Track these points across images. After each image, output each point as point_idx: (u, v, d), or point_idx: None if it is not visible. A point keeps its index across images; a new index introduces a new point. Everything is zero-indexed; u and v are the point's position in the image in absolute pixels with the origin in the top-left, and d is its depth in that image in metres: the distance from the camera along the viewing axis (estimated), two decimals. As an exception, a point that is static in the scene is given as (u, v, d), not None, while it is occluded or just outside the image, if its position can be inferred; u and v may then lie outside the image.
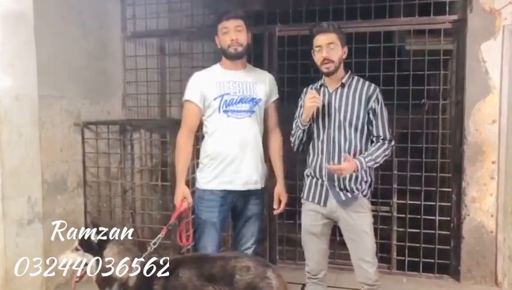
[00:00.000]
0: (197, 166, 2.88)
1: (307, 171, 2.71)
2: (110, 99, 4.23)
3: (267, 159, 2.93)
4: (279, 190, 2.90)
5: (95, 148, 3.93)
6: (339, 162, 2.53)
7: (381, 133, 2.55)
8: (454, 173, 3.81)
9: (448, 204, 3.87)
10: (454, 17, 3.75)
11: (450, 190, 3.86)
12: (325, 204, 2.60)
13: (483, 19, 3.58)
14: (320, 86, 2.66)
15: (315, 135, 2.63)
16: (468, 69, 3.64)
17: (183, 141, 2.73)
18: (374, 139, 2.57)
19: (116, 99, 4.34)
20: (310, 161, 2.68)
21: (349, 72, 2.64)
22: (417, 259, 3.90)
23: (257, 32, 3.76)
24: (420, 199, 3.89)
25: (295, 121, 2.69)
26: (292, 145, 2.75)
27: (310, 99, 2.51)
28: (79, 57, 3.77)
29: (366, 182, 2.58)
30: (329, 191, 2.58)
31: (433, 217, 3.86)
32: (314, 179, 2.65)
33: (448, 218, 3.85)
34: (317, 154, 2.61)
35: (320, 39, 2.55)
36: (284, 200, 2.90)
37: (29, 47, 2.71)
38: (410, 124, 3.91)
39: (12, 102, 2.59)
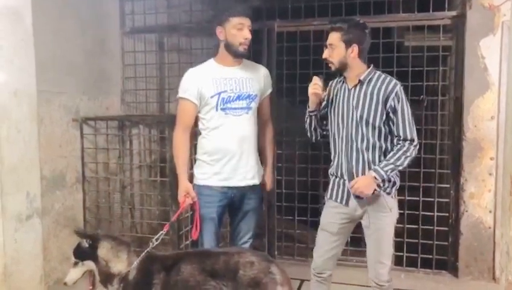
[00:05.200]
0: (194, 162, 2.88)
1: (330, 170, 2.67)
2: (109, 95, 4.22)
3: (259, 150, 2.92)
4: (265, 179, 2.90)
5: (93, 144, 3.92)
6: (357, 159, 2.50)
7: (401, 133, 2.44)
8: (453, 169, 3.82)
9: (447, 200, 3.88)
10: (454, 13, 3.74)
11: (448, 186, 3.87)
12: (347, 203, 2.55)
13: (482, 15, 3.57)
14: (342, 81, 2.61)
15: (335, 132, 2.58)
16: (467, 65, 3.64)
17: (180, 137, 2.72)
18: (395, 140, 2.48)
19: (115, 95, 4.33)
20: (332, 158, 2.65)
21: (371, 67, 2.55)
22: (415, 255, 3.92)
23: (256, 28, 3.74)
24: (419, 195, 3.90)
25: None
26: (306, 131, 2.72)
27: (311, 86, 2.50)
28: (77, 53, 3.76)
29: (389, 181, 2.49)
30: (350, 191, 2.52)
31: (432, 213, 3.87)
32: (337, 179, 2.60)
33: (447, 214, 3.87)
34: (337, 152, 2.58)
35: (328, 37, 2.52)
36: (267, 188, 2.93)
37: (27, 43, 2.70)
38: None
39: (10, 98, 2.59)
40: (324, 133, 2.72)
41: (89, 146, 3.89)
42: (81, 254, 2.32)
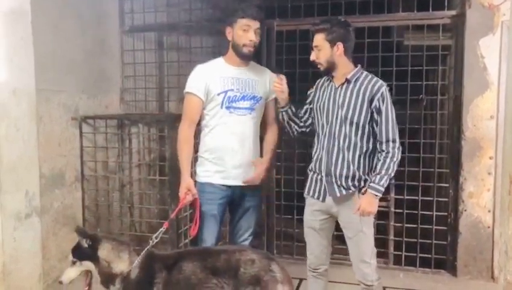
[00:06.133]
0: (196, 159, 2.88)
1: (310, 166, 2.71)
2: (108, 94, 4.22)
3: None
4: (262, 160, 2.81)
5: (93, 142, 3.92)
6: (337, 157, 2.53)
7: (383, 135, 2.45)
8: (452, 169, 3.82)
9: (446, 199, 3.89)
10: (453, 12, 3.75)
11: (447, 185, 3.88)
12: (323, 200, 2.60)
13: (482, 15, 3.57)
14: (329, 79, 2.63)
15: (320, 129, 2.62)
16: (466, 64, 3.65)
17: (185, 133, 2.72)
18: (378, 144, 2.49)
19: (114, 93, 4.33)
20: (313, 154, 2.68)
21: (359, 67, 2.57)
22: (414, 254, 3.92)
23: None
24: (417, 194, 3.91)
25: None
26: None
27: (273, 85, 2.62)
28: (77, 52, 3.76)
29: (365, 180, 2.51)
30: (327, 187, 2.57)
31: (431, 213, 3.88)
32: (315, 175, 2.65)
33: (446, 213, 3.87)
34: (319, 148, 2.62)
35: (313, 40, 2.56)
36: (261, 167, 2.77)
37: (26, 42, 2.69)
38: (408, 119, 3.92)
39: (9, 96, 2.58)
40: (302, 129, 2.77)
41: (88, 145, 3.88)
42: (80, 254, 2.31)
